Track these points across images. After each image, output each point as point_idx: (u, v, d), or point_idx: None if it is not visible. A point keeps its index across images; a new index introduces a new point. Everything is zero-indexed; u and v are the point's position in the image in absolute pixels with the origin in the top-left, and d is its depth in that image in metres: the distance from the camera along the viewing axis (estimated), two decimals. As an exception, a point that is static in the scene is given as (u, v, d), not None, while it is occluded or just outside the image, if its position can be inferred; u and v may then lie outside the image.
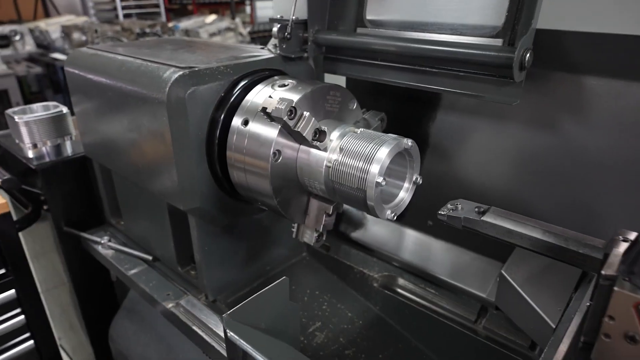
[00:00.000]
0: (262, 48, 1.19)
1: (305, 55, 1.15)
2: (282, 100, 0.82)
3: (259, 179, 0.94)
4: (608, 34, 0.84)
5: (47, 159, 1.44)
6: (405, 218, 1.32)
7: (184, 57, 1.07)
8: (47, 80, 6.07)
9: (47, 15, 8.70)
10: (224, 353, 0.98)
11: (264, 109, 0.85)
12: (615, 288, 0.48)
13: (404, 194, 0.90)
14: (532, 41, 0.81)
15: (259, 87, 1.00)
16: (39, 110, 1.48)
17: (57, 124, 1.46)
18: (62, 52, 5.48)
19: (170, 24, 6.16)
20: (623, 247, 0.54)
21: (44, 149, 1.46)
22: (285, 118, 0.82)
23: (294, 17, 1.09)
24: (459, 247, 1.18)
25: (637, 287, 0.48)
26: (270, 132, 0.90)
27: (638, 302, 0.47)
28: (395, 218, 0.88)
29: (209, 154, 1.01)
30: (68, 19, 6.80)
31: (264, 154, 0.91)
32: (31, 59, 5.43)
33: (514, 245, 0.74)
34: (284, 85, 0.96)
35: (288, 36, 1.10)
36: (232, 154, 0.98)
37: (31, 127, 1.40)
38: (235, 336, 0.66)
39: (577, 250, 0.64)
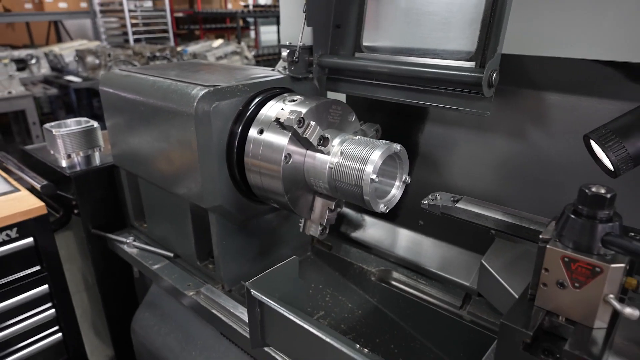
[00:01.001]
0: (272, 70, 1.37)
1: (311, 76, 1.32)
2: (292, 111, 0.99)
3: (273, 180, 1.10)
4: (562, 57, 1.01)
5: (78, 168, 1.60)
6: (399, 219, 1.47)
7: (207, 77, 1.24)
8: (60, 102, 6.31)
9: (59, 40, 9.01)
10: (242, 331, 1.12)
11: (277, 119, 1.01)
12: (548, 246, 0.63)
13: (396, 191, 1.05)
14: (498, 63, 0.98)
15: (271, 102, 1.17)
16: (72, 125, 1.65)
17: (88, 137, 1.63)
18: (76, 74, 5.72)
19: (179, 48, 6.43)
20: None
21: (75, 159, 1.62)
22: (295, 126, 0.99)
23: (301, 44, 1.27)
24: (446, 242, 1.33)
25: (564, 245, 0.62)
26: (282, 139, 1.06)
27: (564, 255, 0.61)
28: (387, 211, 1.03)
29: (229, 160, 1.17)
30: (81, 44, 7.09)
31: (277, 158, 1.07)
32: (46, 81, 5.67)
33: (481, 226, 0.89)
34: (293, 101, 1.13)
35: (296, 59, 1.28)
36: (250, 159, 1.14)
37: (67, 139, 1.57)
38: (257, 292, 0.80)
39: (529, 227, 0.78)
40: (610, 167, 0.77)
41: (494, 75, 0.98)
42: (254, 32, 10.43)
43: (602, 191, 0.61)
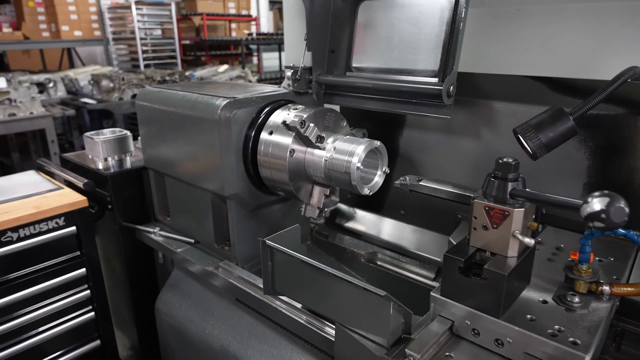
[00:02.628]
0: (279, 86, 1.65)
1: (310, 91, 1.61)
2: (296, 115, 1.26)
3: (280, 172, 1.36)
4: (503, 74, 1.30)
5: (112, 170, 1.87)
6: (384, 210, 1.73)
7: (226, 92, 1.52)
8: (74, 123, 6.63)
9: (71, 65, 9.42)
10: (254, 294, 1.36)
11: (284, 122, 1.29)
12: (475, 200, 0.89)
13: (378, 178, 1.32)
14: (455, 79, 1.26)
15: (278, 111, 1.45)
16: (108, 133, 1.93)
17: (122, 144, 1.90)
18: (90, 97, 6.06)
19: (187, 73, 6.79)
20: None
21: (110, 162, 1.89)
22: (298, 127, 1.26)
23: (302, 65, 1.56)
24: (422, 228, 1.59)
25: (486, 199, 0.88)
26: (287, 139, 1.33)
27: (485, 205, 0.87)
28: (370, 194, 1.29)
29: (244, 157, 1.43)
30: (94, 69, 7.47)
31: (283, 154, 1.34)
32: (63, 103, 6.00)
33: (438, 197, 1.14)
34: (296, 109, 1.41)
35: (298, 78, 1.56)
36: (262, 157, 1.41)
37: (104, 145, 1.84)
38: (270, 242, 1.06)
39: (471, 195, 1.04)
40: (531, 152, 1.03)
41: (452, 88, 1.26)
42: (256, 58, 10.89)
43: (510, 160, 0.87)
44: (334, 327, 1.01)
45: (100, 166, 1.88)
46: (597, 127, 1.20)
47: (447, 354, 0.87)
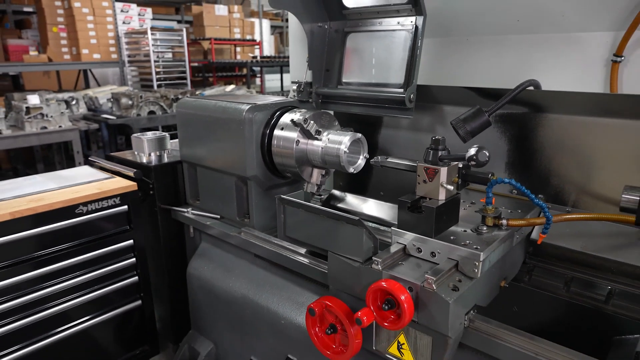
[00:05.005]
0: (286, 97, 2.13)
1: (311, 100, 2.09)
2: (300, 116, 1.74)
3: (289, 158, 1.83)
4: (451, 86, 1.78)
5: (154, 163, 2.33)
6: (368, 193, 2.19)
7: (247, 100, 1.99)
8: (94, 137, 7.13)
9: (87, 86, 9.98)
10: (270, 248, 1.80)
11: (292, 120, 1.76)
12: (418, 164, 1.35)
13: (360, 161, 1.78)
14: (415, 90, 1.74)
15: (287, 114, 1.92)
16: (150, 135, 2.40)
17: (161, 142, 2.37)
18: (110, 113, 6.56)
19: (197, 92, 7.33)
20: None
21: (152, 157, 2.36)
22: (302, 124, 1.73)
23: (305, 80, 2.04)
24: (396, 204, 2.04)
25: (425, 163, 1.34)
26: (293, 134, 1.80)
27: (424, 167, 1.32)
28: (355, 172, 1.76)
29: (261, 148, 1.90)
30: (111, 88, 8.01)
31: (291, 145, 1.80)
32: (85, 118, 6.50)
33: (401, 170, 1.60)
34: (300, 112, 1.88)
35: (302, 90, 2.05)
36: (274, 147, 1.87)
37: (150, 142, 2.31)
38: (283, 196, 1.51)
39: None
40: (461, 137, 1.50)
41: (412, 96, 1.74)
42: (259, 79, 11.49)
43: (439, 137, 1.33)
44: (327, 262, 1.45)
45: (144, 160, 2.35)
46: (512, 122, 1.67)
47: (399, 262, 1.32)
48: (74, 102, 6.71)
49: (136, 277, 2.30)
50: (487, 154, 1.16)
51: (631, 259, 1.43)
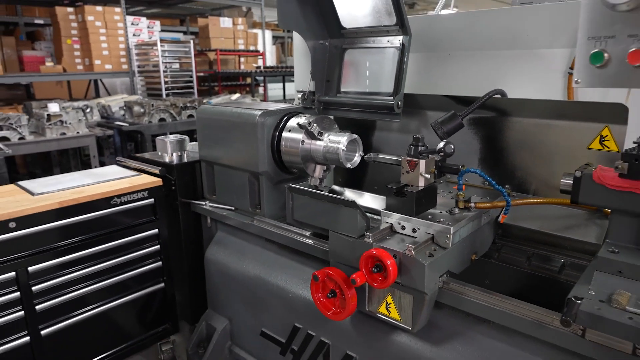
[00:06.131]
0: (292, 104, 2.43)
1: (314, 106, 2.39)
2: (305, 119, 2.04)
3: (295, 156, 2.12)
4: (432, 94, 2.08)
5: (175, 162, 2.63)
6: (364, 188, 2.48)
7: (259, 107, 2.29)
8: (105, 142, 7.44)
9: (97, 95, 10.33)
10: (280, 232, 2.09)
11: (298, 123, 2.06)
12: (402, 158, 1.64)
13: (356, 158, 2.08)
14: (402, 97, 2.03)
15: (293, 118, 2.21)
16: (173, 137, 2.70)
17: (182, 144, 2.67)
18: (123, 121, 6.88)
19: (205, 100, 7.65)
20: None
21: (174, 157, 2.65)
22: (307, 126, 2.03)
23: (308, 89, 2.35)
24: (388, 196, 2.33)
25: (407, 156, 1.63)
26: (299, 135, 2.10)
27: (406, 160, 1.62)
28: (352, 167, 2.05)
29: (272, 147, 2.19)
30: (122, 97, 8.35)
31: (297, 145, 2.10)
32: (99, 125, 6.82)
33: (389, 163, 1.89)
34: (305, 116, 2.18)
35: (306, 98, 2.35)
36: (283, 147, 2.17)
37: (172, 144, 2.61)
38: (292, 185, 1.80)
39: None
40: (439, 137, 1.80)
41: (400, 103, 2.04)
42: (262, 88, 11.84)
43: (419, 136, 1.63)
44: (328, 242, 1.73)
45: (167, 159, 2.65)
46: (483, 125, 1.97)
47: (387, 237, 1.61)
48: (88, 110, 7.03)
49: (160, 262, 2.58)
50: (453, 147, 1.46)
51: (580, 236, 1.72)
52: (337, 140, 2.01)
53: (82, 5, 8.25)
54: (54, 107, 5.41)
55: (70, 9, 8.34)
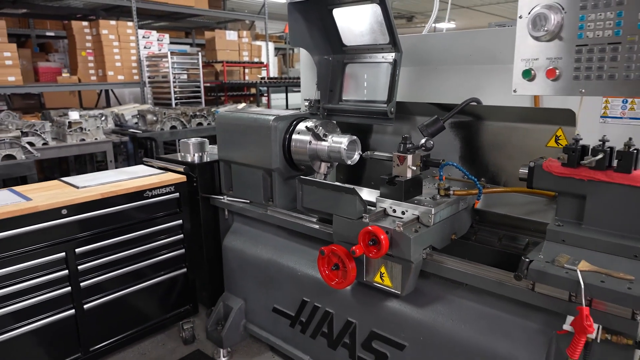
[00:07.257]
0: (299, 111, 2.78)
1: (319, 112, 2.74)
2: (312, 123, 2.38)
3: (303, 155, 2.46)
4: (420, 102, 2.43)
5: (197, 161, 2.97)
6: (362, 183, 2.82)
7: (272, 113, 2.63)
8: (117, 149, 7.79)
9: (107, 104, 10.69)
10: (290, 219, 2.42)
11: (306, 127, 2.41)
12: (394, 153, 1.98)
13: (356, 156, 2.42)
14: (394, 105, 2.39)
15: (302, 122, 2.56)
16: (194, 140, 3.04)
17: (202, 145, 3.01)
18: (136, 128, 7.23)
19: (212, 109, 8.02)
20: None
21: (195, 157, 3.00)
22: (314, 129, 2.38)
23: (314, 98, 2.70)
24: (383, 190, 2.67)
25: (398, 152, 1.96)
26: (307, 137, 2.44)
27: (397, 155, 1.95)
28: (352, 164, 2.39)
29: (283, 147, 2.53)
30: (134, 106, 8.72)
31: (305, 145, 2.44)
32: (114, 132, 7.17)
33: (383, 160, 2.23)
34: (312, 121, 2.53)
35: (312, 105, 2.70)
36: (293, 147, 2.51)
37: (194, 145, 2.96)
38: (302, 176, 2.14)
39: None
40: (425, 138, 2.14)
41: (392, 109, 2.39)
42: (265, 98, 12.23)
43: (407, 135, 1.96)
44: (332, 226, 2.06)
45: (189, 159, 2.99)
46: (462, 127, 2.31)
47: (381, 219, 1.94)
48: (103, 118, 7.38)
49: (183, 250, 2.91)
50: (432, 142, 1.81)
51: (540, 219, 2.05)
52: (340, 141, 2.36)
53: (97, 19, 8.67)
54: (74, 115, 5.77)
55: (85, 23, 8.75)
